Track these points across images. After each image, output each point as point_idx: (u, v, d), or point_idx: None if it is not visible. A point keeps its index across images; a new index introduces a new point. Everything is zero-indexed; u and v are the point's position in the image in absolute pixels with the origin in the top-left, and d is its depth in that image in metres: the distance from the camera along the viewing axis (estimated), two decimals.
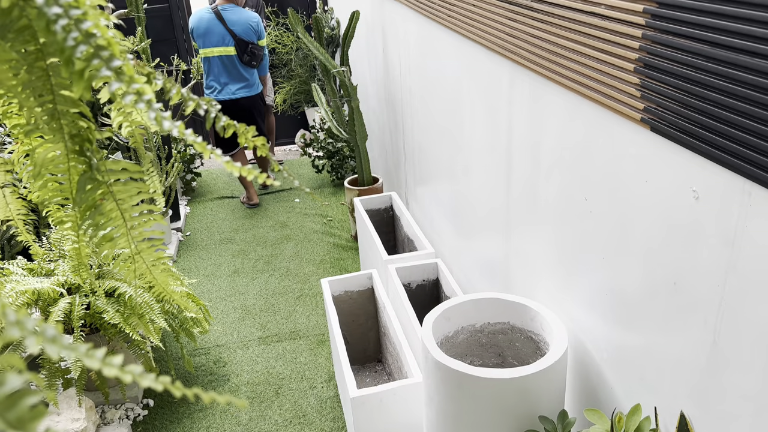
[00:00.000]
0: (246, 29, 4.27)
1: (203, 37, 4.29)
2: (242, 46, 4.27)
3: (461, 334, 1.77)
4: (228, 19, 4.23)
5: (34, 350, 0.33)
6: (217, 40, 4.25)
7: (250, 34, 4.29)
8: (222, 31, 4.23)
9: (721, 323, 1.05)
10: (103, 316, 2.26)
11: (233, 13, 4.27)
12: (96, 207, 0.73)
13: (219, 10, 4.24)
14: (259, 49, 4.35)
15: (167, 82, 0.61)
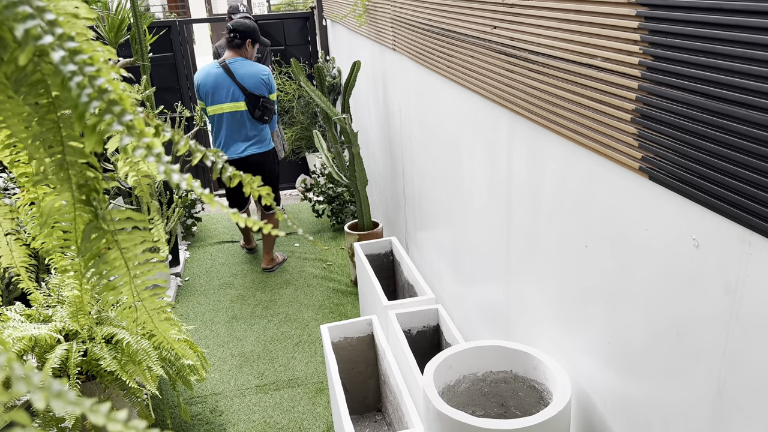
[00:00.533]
0: (257, 83, 4.00)
1: (211, 94, 4.02)
2: (253, 101, 3.99)
3: (463, 382, 1.74)
4: (237, 74, 3.97)
5: (41, 406, 0.33)
6: (226, 95, 3.99)
7: (261, 88, 4.03)
8: (231, 87, 3.97)
9: (725, 373, 1.04)
10: (99, 363, 2.23)
11: (242, 66, 4.01)
12: (100, 256, 0.74)
13: (227, 63, 3.99)
14: (270, 103, 4.06)
15: (175, 134, 0.62)
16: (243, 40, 4.02)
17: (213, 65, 4.02)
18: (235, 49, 4.03)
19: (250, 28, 4.04)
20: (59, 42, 0.46)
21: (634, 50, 1.13)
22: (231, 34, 4.00)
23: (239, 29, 4.00)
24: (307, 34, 6.08)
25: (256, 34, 4.10)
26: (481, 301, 2.32)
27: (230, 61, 4.00)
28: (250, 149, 4.07)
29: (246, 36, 4.03)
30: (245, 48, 4.04)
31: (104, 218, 0.72)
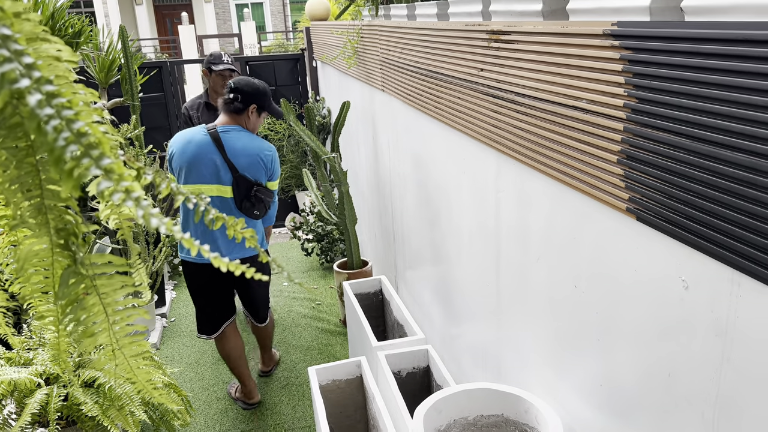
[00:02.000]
0: (253, 163, 2.82)
1: (187, 170, 2.77)
2: (243, 187, 2.82)
3: (453, 427, 1.70)
4: (229, 147, 2.79)
5: None
6: (210, 174, 2.77)
7: (259, 172, 2.85)
8: (218, 162, 2.77)
9: (719, 417, 1.02)
10: (81, 408, 2.17)
11: (239, 138, 2.82)
12: (78, 301, 0.72)
13: (219, 131, 2.80)
14: (267, 194, 2.89)
15: (157, 176, 0.61)
16: (245, 105, 2.86)
17: (198, 130, 2.82)
18: (233, 115, 2.86)
19: (260, 91, 2.90)
20: (36, 85, 0.45)
21: (619, 92, 1.14)
22: (231, 95, 2.85)
23: (243, 89, 2.85)
24: (298, 74, 6.16)
25: (267, 99, 2.95)
26: (471, 342, 2.29)
27: (223, 129, 2.82)
28: (235, 253, 2.88)
29: (251, 100, 2.86)
30: (247, 115, 2.88)
31: (83, 263, 0.70)
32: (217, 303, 3.06)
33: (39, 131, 0.45)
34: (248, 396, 3.21)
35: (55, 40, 0.60)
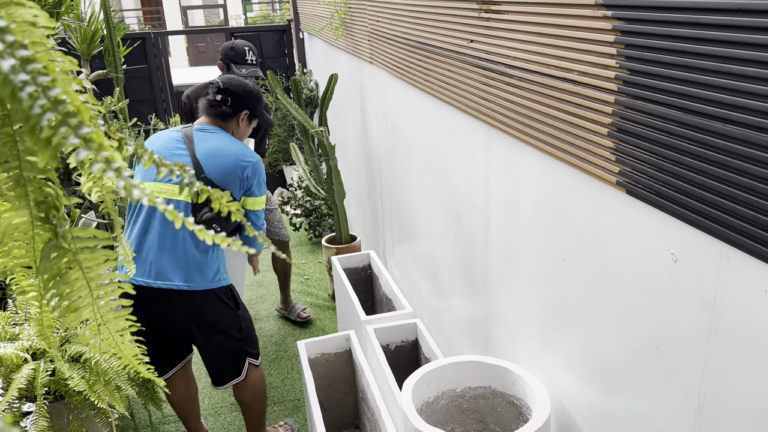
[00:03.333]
0: (227, 168, 2.28)
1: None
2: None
3: (442, 399, 1.72)
4: (200, 145, 2.29)
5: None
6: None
7: (232, 180, 2.29)
8: (182, 160, 2.24)
9: (705, 389, 1.03)
10: (68, 383, 2.16)
11: (214, 139, 2.32)
12: (61, 276, 0.70)
13: (193, 130, 2.35)
14: (223, 222, 2.26)
15: (138, 147, 0.59)
16: (236, 110, 2.40)
17: (174, 129, 2.40)
18: (217, 119, 2.39)
19: (253, 95, 2.48)
20: (9, 50, 0.43)
21: (611, 64, 1.13)
22: (218, 96, 2.38)
23: (236, 92, 2.39)
24: (284, 46, 6.07)
25: (260, 105, 2.54)
26: (459, 315, 2.30)
27: (199, 127, 2.36)
28: (177, 279, 2.20)
29: (243, 105, 2.42)
30: (236, 122, 2.43)
31: (64, 236, 0.68)
32: (168, 339, 2.35)
33: (13, 98, 0.43)
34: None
35: (31, 4, 0.58)
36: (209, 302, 2.27)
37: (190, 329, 2.29)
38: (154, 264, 2.19)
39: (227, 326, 2.32)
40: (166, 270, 2.18)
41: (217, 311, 2.29)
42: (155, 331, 2.16)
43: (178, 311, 2.24)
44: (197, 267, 2.22)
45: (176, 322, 2.27)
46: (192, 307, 2.24)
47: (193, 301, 2.23)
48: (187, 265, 2.21)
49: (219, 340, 2.32)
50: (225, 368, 2.38)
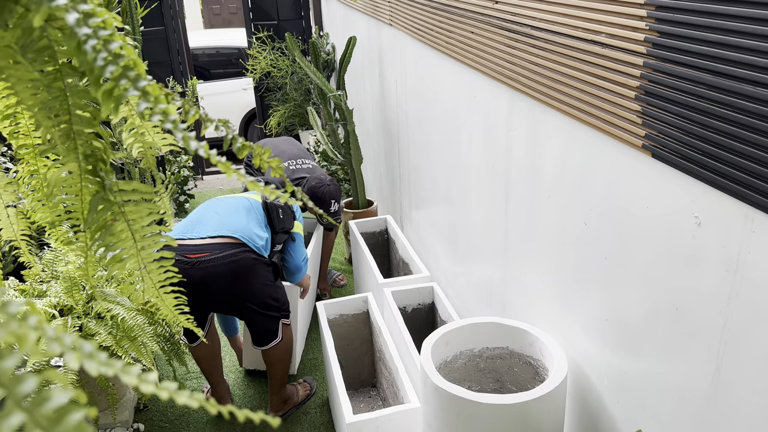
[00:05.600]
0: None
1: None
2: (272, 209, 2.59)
3: (459, 358, 1.76)
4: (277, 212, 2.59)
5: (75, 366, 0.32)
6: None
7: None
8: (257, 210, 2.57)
9: (724, 350, 1.05)
10: (95, 338, 2.23)
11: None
12: (107, 227, 0.73)
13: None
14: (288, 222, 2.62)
15: (185, 103, 0.61)
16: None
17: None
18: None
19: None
20: (73, 4, 0.45)
21: (640, 26, 1.12)
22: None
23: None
24: (301, 8, 6.00)
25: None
26: (476, 279, 2.33)
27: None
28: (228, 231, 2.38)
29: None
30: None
31: (111, 189, 0.71)
32: (196, 314, 2.36)
33: (78, 51, 0.45)
34: (218, 401, 2.72)
35: None
36: (263, 267, 2.42)
37: (235, 303, 2.40)
38: (202, 226, 2.39)
39: (268, 300, 2.43)
40: (210, 226, 2.38)
41: (262, 285, 2.41)
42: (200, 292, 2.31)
43: (238, 268, 2.33)
44: (251, 237, 2.40)
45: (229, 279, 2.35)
46: (249, 263, 2.37)
47: (252, 258, 2.36)
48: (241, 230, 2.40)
49: (259, 298, 2.42)
50: (267, 328, 2.47)
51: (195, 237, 2.33)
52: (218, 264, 2.27)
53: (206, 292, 2.30)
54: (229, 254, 2.30)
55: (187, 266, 2.26)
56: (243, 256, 2.32)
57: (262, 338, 2.47)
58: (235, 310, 2.44)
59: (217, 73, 7.15)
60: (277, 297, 2.47)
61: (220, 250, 2.30)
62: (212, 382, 2.67)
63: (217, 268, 2.27)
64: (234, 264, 2.30)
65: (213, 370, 2.64)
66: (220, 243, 2.32)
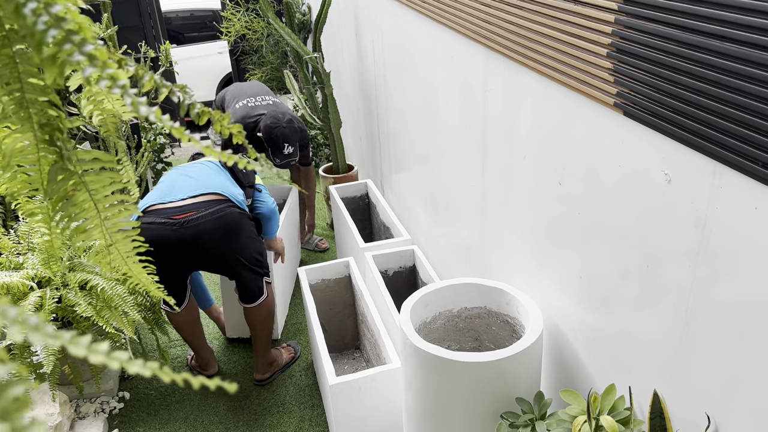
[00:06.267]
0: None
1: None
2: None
3: (439, 319, 1.78)
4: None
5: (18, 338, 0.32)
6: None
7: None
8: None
9: (693, 305, 1.07)
10: (75, 309, 2.22)
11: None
12: (68, 198, 0.71)
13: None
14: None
15: (139, 68, 0.59)
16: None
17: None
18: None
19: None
20: None
21: None
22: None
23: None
24: None
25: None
26: (456, 241, 2.34)
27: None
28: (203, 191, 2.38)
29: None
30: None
31: (70, 159, 0.70)
32: (182, 277, 2.47)
33: (17, 14, 0.43)
34: (203, 367, 2.78)
35: None
36: (247, 221, 2.45)
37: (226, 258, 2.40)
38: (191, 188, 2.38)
39: (255, 254, 2.47)
40: (187, 190, 2.38)
41: (249, 239, 2.45)
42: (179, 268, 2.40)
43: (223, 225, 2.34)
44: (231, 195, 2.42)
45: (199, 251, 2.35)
46: (234, 218, 2.38)
47: (237, 213, 2.38)
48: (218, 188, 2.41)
49: (248, 253, 2.45)
50: (253, 283, 2.49)
51: (175, 200, 2.33)
52: (207, 221, 2.29)
53: (197, 251, 2.32)
54: (216, 210, 2.32)
55: (176, 227, 2.26)
56: (229, 210, 2.35)
57: (251, 295, 2.50)
58: (224, 266, 2.45)
59: (191, 37, 6.99)
60: (262, 252, 2.52)
61: (206, 208, 2.31)
62: (195, 349, 2.69)
63: (207, 225, 2.29)
64: (223, 219, 2.32)
65: (195, 336, 2.65)
66: (205, 201, 2.33)
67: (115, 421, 2.56)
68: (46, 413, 2.29)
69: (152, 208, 2.30)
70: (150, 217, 2.28)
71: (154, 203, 2.32)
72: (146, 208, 2.30)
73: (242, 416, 2.54)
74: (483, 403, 1.49)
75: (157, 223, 2.26)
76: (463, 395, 1.49)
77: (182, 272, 2.45)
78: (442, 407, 1.53)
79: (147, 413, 2.59)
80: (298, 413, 2.53)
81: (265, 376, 2.70)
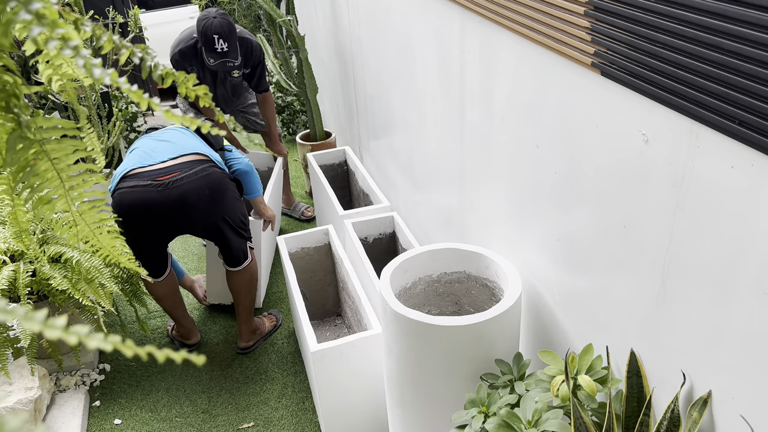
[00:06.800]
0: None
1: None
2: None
3: (419, 284, 1.78)
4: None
5: None
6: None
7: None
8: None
9: (669, 264, 1.08)
10: (50, 282, 2.19)
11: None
12: (30, 167, 0.69)
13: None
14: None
15: (96, 28, 0.56)
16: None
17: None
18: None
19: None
20: None
21: None
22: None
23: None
24: None
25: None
26: (435, 207, 2.34)
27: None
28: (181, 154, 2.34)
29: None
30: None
31: (29, 126, 0.66)
32: (163, 243, 2.44)
33: None
34: (185, 337, 2.75)
35: None
36: (229, 182, 2.41)
37: (203, 210, 2.34)
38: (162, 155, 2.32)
39: (239, 217, 2.46)
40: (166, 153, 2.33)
41: (233, 199, 2.42)
42: (159, 236, 2.39)
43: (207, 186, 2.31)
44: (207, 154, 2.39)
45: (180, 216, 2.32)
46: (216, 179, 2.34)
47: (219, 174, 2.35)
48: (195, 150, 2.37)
49: (233, 216, 2.43)
50: (240, 249, 2.50)
51: (156, 163, 2.28)
52: (192, 180, 2.25)
53: (184, 211, 2.28)
54: (200, 169, 2.28)
55: (161, 188, 2.22)
56: (212, 170, 2.32)
57: (236, 258, 2.50)
58: (211, 227, 2.40)
59: (160, 1, 6.77)
60: (245, 214, 2.51)
61: (190, 167, 2.27)
62: (177, 318, 2.67)
63: (193, 184, 2.25)
64: (208, 178, 2.29)
65: (175, 306, 2.64)
66: (188, 161, 2.30)
67: (97, 393, 2.55)
68: (25, 387, 2.27)
69: (133, 173, 2.25)
70: (131, 181, 2.22)
71: (134, 167, 2.26)
72: (126, 173, 2.25)
73: (225, 384, 2.54)
74: (463, 365, 1.50)
75: (140, 186, 2.20)
76: (444, 358, 1.50)
77: (167, 236, 2.42)
78: (423, 371, 1.55)
79: (129, 384, 2.58)
80: (281, 380, 2.54)
81: (248, 344, 2.70)
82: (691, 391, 1.08)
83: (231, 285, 2.56)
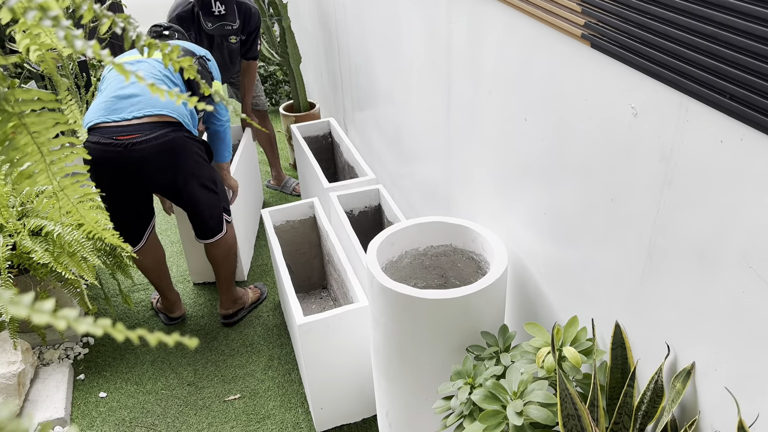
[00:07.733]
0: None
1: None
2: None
3: (405, 258, 1.78)
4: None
5: None
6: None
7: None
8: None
9: (656, 237, 1.09)
10: (31, 256, 2.15)
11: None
12: (9, 141, 0.66)
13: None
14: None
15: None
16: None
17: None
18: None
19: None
20: None
21: None
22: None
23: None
24: None
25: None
26: (421, 180, 2.33)
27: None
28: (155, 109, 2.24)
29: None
30: None
31: (7, 99, 0.64)
32: (136, 204, 2.37)
33: None
34: (169, 310, 2.75)
35: None
36: (195, 146, 2.33)
37: (176, 181, 2.30)
38: (128, 108, 2.22)
39: (206, 178, 2.38)
40: (140, 104, 2.23)
41: (197, 162, 2.34)
42: (131, 196, 2.31)
43: (168, 149, 2.24)
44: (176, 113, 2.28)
45: (152, 174, 2.27)
46: (177, 142, 2.27)
47: (182, 137, 2.26)
48: (160, 105, 2.25)
49: (200, 190, 2.38)
50: (213, 218, 2.46)
51: (120, 120, 2.18)
52: (151, 145, 2.18)
53: (143, 175, 2.24)
54: (160, 134, 2.20)
55: (120, 149, 2.16)
56: (174, 135, 2.23)
57: (206, 230, 2.46)
58: (174, 188, 2.33)
59: None
60: (215, 180, 2.43)
61: (150, 131, 2.19)
62: (162, 291, 2.66)
63: (151, 149, 2.19)
64: (167, 144, 2.21)
65: (161, 278, 2.62)
66: (150, 123, 2.21)
67: (81, 366, 2.54)
68: (8, 361, 2.25)
69: (97, 126, 2.18)
70: (95, 135, 2.16)
71: (98, 121, 2.18)
72: (92, 126, 2.18)
73: (210, 357, 2.54)
74: (449, 338, 1.52)
75: (102, 143, 2.14)
76: (430, 331, 1.51)
77: (133, 197, 2.32)
78: (410, 343, 1.56)
79: (113, 357, 2.58)
80: (267, 352, 2.55)
81: (229, 312, 2.70)
82: (675, 363, 1.10)
83: (209, 256, 2.56)
